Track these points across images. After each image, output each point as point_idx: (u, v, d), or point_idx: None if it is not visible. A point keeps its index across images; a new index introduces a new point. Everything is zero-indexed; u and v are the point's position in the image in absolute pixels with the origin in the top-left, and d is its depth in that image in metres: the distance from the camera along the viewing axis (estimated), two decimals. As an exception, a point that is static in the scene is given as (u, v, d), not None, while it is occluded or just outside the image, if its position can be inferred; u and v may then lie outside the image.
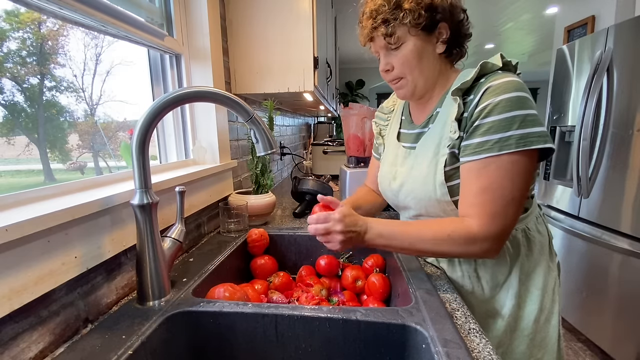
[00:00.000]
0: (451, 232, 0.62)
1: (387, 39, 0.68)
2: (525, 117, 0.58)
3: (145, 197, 0.58)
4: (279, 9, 1.19)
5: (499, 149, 0.59)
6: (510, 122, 0.58)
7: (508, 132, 0.58)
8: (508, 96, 0.59)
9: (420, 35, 0.67)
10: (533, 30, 4.26)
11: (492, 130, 0.60)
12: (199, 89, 0.63)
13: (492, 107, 0.60)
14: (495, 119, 0.59)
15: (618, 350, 1.72)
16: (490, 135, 0.60)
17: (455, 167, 0.67)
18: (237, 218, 1.00)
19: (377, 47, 0.72)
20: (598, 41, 1.84)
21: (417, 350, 0.53)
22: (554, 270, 0.76)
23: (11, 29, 0.64)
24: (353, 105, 1.31)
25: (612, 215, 1.73)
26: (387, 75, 0.73)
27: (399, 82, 0.73)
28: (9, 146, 0.69)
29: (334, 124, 4.25)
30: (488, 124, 0.60)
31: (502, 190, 0.60)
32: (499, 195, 0.60)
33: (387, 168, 0.83)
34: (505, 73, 0.63)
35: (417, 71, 0.70)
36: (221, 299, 0.63)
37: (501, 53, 0.65)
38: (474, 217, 0.61)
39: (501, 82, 0.61)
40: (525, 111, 0.58)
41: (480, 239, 0.61)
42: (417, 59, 0.69)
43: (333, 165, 2.18)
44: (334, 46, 2.48)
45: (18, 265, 0.43)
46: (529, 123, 0.58)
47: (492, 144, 0.59)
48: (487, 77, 0.64)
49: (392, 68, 0.72)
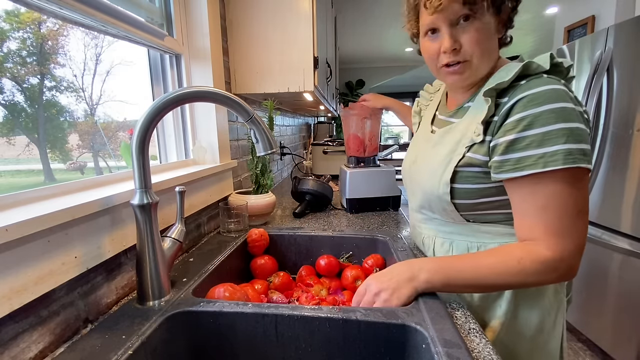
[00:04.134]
0: (520, 260, 0.55)
1: (472, 6, 0.58)
2: (573, 131, 0.52)
3: (145, 197, 0.58)
4: (279, 9, 1.19)
5: (543, 165, 0.53)
6: (555, 136, 0.52)
7: (554, 147, 0.52)
8: (551, 107, 0.53)
9: (492, 12, 0.60)
10: (533, 30, 4.26)
11: (535, 144, 0.54)
12: (199, 89, 0.63)
13: (532, 119, 0.54)
14: (538, 132, 0.53)
15: (618, 350, 1.72)
16: (533, 150, 0.54)
17: (465, 170, 0.64)
18: (237, 218, 1.00)
19: (445, 17, 0.60)
20: (598, 41, 1.84)
21: (417, 350, 0.53)
22: (561, 292, 0.69)
23: (11, 29, 0.64)
24: (353, 105, 1.31)
25: (612, 215, 1.73)
26: (452, 55, 0.62)
27: (459, 66, 0.63)
28: (9, 146, 0.69)
29: (334, 124, 4.25)
30: (530, 138, 0.54)
31: (564, 206, 0.53)
32: (562, 211, 0.54)
33: (412, 148, 0.81)
34: (549, 78, 0.56)
35: (486, 54, 0.62)
36: (221, 299, 0.63)
37: (552, 53, 0.59)
38: (539, 240, 0.55)
39: (541, 90, 0.54)
40: (571, 124, 0.53)
41: (554, 262, 0.54)
42: (488, 39, 0.61)
43: (333, 165, 2.18)
44: (334, 46, 2.47)
45: (18, 265, 0.43)
46: (576, 137, 0.52)
47: (536, 159, 0.53)
48: (528, 80, 0.57)
49: (460, 47, 0.61)
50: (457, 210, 0.68)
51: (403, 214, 1.26)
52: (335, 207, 1.37)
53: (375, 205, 1.31)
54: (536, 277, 0.55)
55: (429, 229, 0.78)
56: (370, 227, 1.10)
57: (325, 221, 1.17)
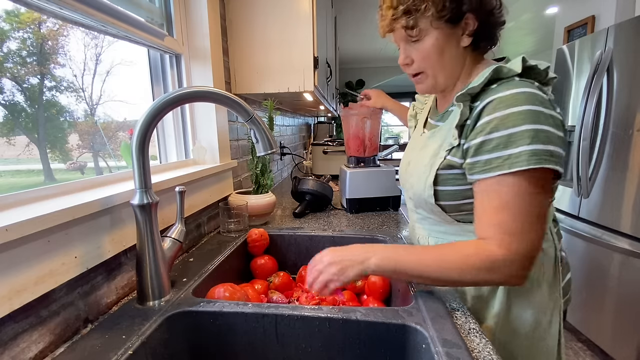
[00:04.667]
0: (468, 256, 0.56)
1: (408, 31, 0.63)
2: (537, 133, 0.53)
3: (145, 197, 0.58)
4: (279, 9, 1.19)
5: (509, 167, 0.54)
6: (519, 137, 0.53)
7: (518, 148, 0.53)
8: (517, 109, 0.54)
9: (444, 27, 0.62)
10: (533, 30, 4.26)
11: (501, 146, 0.55)
12: (199, 89, 0.63)
13: (498, 122, 0.55)
14: (503, 134, 0.55)
15: (618, 350, 1.72)
16: (499, 152, 0.55)
17: (447, 173, 0.65)
18: (237, 218, 1.00)
19: (397, 38, 0.67)
20: (598, 41, 1.84)
21: (417, 350, 0.53)
22: (555, 292, 0.69)
23: (11, 29, 0.64)
24: (353, 105, 1.31)
25: (612, 215, 1.73)
26: (407, 68, 0.69)
27: (418, 77, 0.69)
28: (9, 146, 0.69)
29: (334, 124, 4.25)
30: (496, 140, 0.55)
31: (520, 207, 0.54)
32: (518, 212, 0.54)
33: (408, 151, 0.83)
34: (521, 81, 0.58)
35: (438, 66, 0.65)
36: (221, 299, 0.63)
37: (523, 56, 0.60)
38: (492, 239, 0.56)
39: (510, 93, 0.56)
40: (537, 126, 0.53)
41: (502, 262, 0.54)
42: (438, 53, 0.64)
43: (333, 165, 2.18)
44: (334, 46, 2.47)
45: (18, 265, 0.43)
46: (542, 139, 0.53)
47: (502, 161, 0.55)
48: (499, 84, 0.59)
49: (411, 62, 0.67)
50: (445, 211, 0.69)
51: (403, 214, 1.26)
52: (335, 207, 1.37)
53: (375, 205, 1.31)
54: (482, 274, 0.55)
55: (423, 228, 0.79)
56: (370, 227, 1.10)
57: (325, 221, 1.17)
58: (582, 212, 1.93)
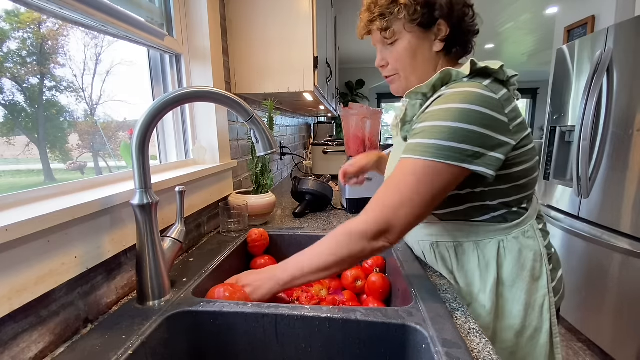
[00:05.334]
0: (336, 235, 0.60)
1: (383, 33, 0.68)
2: (456, 130, 0.55)
3: (145, 197, 0.58)
4: (279, 9, 1.19)
5: (421, 154, 0.57)
6: (438, 131, 0.56)
7: (431, 140, 0.56)
8: (449, 106, 0.57)
9: (416, 31, 0.66)
10: (533, 30, 4.26)
11: (420, 135, 0.59)
12: (199, 89, 0.63)
13: (430, 114, 0.59)
14: (427, 125, 0.58)
15: (618, 350, 1.72)
16: (419, 139, 0.58)
17: None
18: (237, 218, 1.00)
19: (375, 41, 0.72)
20: (598, 41, 1.84)
21: (417, 350, 0.53)
22: (542, 288, 0.69)
23: (11, 29, 0.64)
24: (353, 105, 1.31)
25: (612, 215, 1.73)
26: (383, 70, 0.74)
27: (391, 78, 0.73)
28: (9, 146, 0.70)
29: (334, 124, 4.24)
30: (420, 128, 0.60)
31: (398, 186, 0.57)
32: (393, 189, 0.58)
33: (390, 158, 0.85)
34: (468, 82, 0.60)
35: (410, 69, 0.69)
36: (221, 299, 0.63)
37: (472, 59, 0.62)
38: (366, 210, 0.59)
39: (454, 92, 0.59)
40: (459, 124, 0.55)
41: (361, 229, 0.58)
42: (410, 56, 0.68)
43: (333, 165, 2.18)
44: (334, 46, 2.47)
45: (18, 265, 0.43)
46: (459, 137, 0.55)
47: (414, 147, 0.58)
48: (448, 86, 0.62)
49: (386, 64, 0.72)
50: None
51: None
52: (335, 207, 1.37)
53: (375, 205, 1.31)
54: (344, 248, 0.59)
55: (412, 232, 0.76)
56: (370, 227, 1.10)
57: (325, 221, 1.17)
58: (582, 212, 1.93)
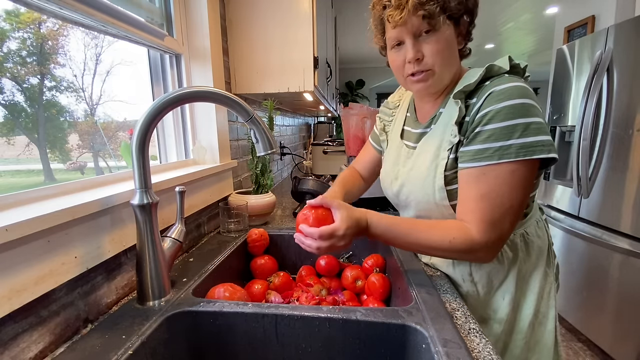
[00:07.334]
0: (452, 240, 0.61)
1: (430, 21, 0.61)
2: (528, 126, 0.56)
3: (145, 197, 0.58)
4: (279, 9, 1.19)
5: (498, 158, 0.58)
6: (511, 130, 0.57)
7: (509, 141, 0.57)
8: (511, 103, 0.57)
9: (451, 25, 0.64)
10: (533, 30, 4.26)
11: (493, 137, 0.58)
12: (199, 89, 0.63)
13: (493, 114, 0.58)
14: (497, 127, 0.58)
15: (618, 350, 1.72)
16: (491, 143, 0.58)
17: (455, 172, 0.66)
18: (237, 218, 1.00)
19: (408, 30, 0.63)
20: (598, 41, 1.84)
21: (417, 350, 0.53)
22: (551, 275, 0.75)
23: (11, 29, 0.64)
24: (353, 105, 1.31)
25: (612, 215, 1.73)
26: (416, 65, 0.65)
27: (423, 75, 0.65)
28: (9, 146, 0.69)
29: (334, 124, 4.25)
30: (489, 131, 0.59)
31: (500, 198, 0.58)
32: (497, 203, 0.59)
33: (389, 167, 0.82)
34: (511, 77, 0.61)
35: (447, 64, 0.65)
36: (221, 299, 0.63)
37: (509, 55, 0.63)
38: (472, 224, 0.61)
39: (505, 87, 0.59)
40: (528, 119, 0.56)
41: (478, 246, 0.60)
42: (449, 50, 0.64)
43: (333, 165, 2.18)
44: (334, 46, 2.47)
45: (18, 265, 0.43)
46: (532, 131, 0.56)
47: (492, 152, 0.58)
48: (492, 80, 0.62)
49: (422, 57, 0.64)
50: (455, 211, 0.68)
51: (403, 214, 1.26)
52: (335, 207, 1.37)
53: (375, 205, 1.31)
54: (461, 254, 0.63)
55: None
56: (370, 227, 1.10)
57: (325, 221, 1.17)
58: (582, 212, 1.93)
